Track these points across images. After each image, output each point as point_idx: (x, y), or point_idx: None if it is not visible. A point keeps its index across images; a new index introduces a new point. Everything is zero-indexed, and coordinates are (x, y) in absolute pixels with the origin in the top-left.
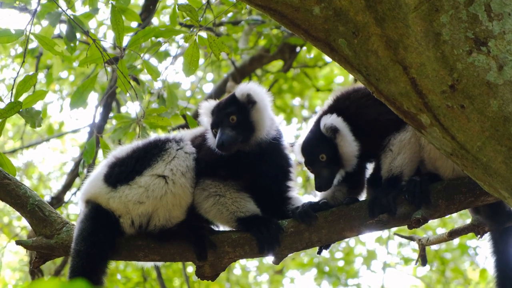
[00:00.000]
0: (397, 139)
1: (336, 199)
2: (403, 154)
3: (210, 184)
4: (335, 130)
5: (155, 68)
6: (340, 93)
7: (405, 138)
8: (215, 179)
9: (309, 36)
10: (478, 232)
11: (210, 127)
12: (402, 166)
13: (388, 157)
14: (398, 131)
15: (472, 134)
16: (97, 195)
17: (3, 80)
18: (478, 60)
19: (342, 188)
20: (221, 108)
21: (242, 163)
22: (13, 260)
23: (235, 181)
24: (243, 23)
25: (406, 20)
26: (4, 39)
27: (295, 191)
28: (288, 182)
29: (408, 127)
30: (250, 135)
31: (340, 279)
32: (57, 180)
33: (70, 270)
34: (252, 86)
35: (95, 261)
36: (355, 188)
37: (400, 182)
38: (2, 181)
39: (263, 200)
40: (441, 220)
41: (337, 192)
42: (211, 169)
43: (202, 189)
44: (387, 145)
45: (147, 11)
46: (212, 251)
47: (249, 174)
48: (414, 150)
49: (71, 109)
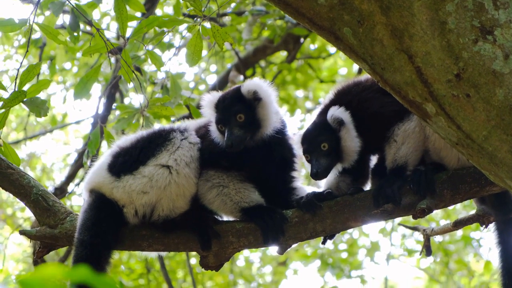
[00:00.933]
0: (401, 129)
1: (341, 189)
2: (407, 144)
3: (214, 175)
4: (341, 122)
5: (158, 57)
6: (341, 87)
7: (409, 128)
8: (219, 170)
9: (314, 25)
10: (483, 222)
11: (215, 122)
12: (406, 156)
13: (392, 147)
14: (402, 121)
15: (478, 123)
16: (101, 185)
17: (6, 71)
18: (484, 49)
19: (346, 178)
20: (227, 106)
21: (246, 155)
22: (17, 251)
23: (238, 172)
24: (247, 13)
25: (412, 9)
26: (8, 28)
27: (299, 182)
28: (292, 173)
29: (412, 116)
30: (257, 131)
31: (343, 270)
32: (61, 171)
33: (74, 259)
34: (257, 82)
35: (99, 251)
36: (359, 179)
37: (405, 172)
38: (5, 171)
39: (267, 191)
40: (445, 211)
41: (341, 183)
42: (214, 160)
43: (206, 180)
44: (391, 136)
45: (151, 1)
46: (216, 241)
47: (253, 165)
48: (419, 140)
49: (74, 99)
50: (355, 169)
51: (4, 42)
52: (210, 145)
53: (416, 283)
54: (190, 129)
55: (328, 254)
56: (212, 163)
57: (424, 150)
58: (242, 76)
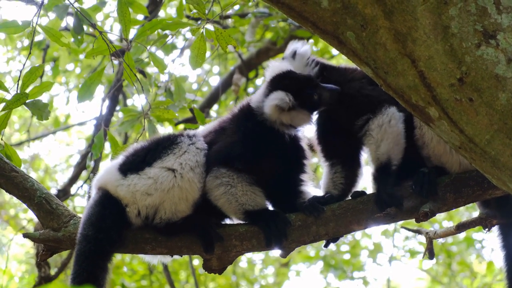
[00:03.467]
0: (375, 124)
1: (336, 184)
2: (386, 140)
3: (224, 173)
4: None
5: (161, 61)
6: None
7: (383, 122)
8: (230, 169)
9: (317, 29)
10: (486, 226)
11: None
12: (388, 152)
13: (372, 144)
14: (375, 114)
15: (481, 127)
16: (107, 182)
17: (9, 72)
18: (486, 53)
19: (337, 174)
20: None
21: (262, 153)
22: (19, 252)
23: (249, 175)
24: (250, 15)
25: (415, 13)
26: (11, 30)
27: (308, 186)
28: (302, 175)
29: (386, 110)
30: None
31: (346, 272)
32: (63, 173)
33: (76, 254)
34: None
35: (103, 246)
36: (351, 168)
37: (390, 167)
38: (9, 174)
39: (275, 194)
40: (448, 213)
41: (335, 178)
42: (229, 158)
43: (215, 177)
44: (366, 129)
45: (154, 4)
46: (220, 245)
47: (266, 166)
48: (397, 133)
49: (78, 102)
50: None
51: (7, 43)
52: (230, 145)
53: (418, 284)
54: (199, 135)
55: (330, 255)
56: (225, 162)
57: (404, 142)
58: (244, 78)
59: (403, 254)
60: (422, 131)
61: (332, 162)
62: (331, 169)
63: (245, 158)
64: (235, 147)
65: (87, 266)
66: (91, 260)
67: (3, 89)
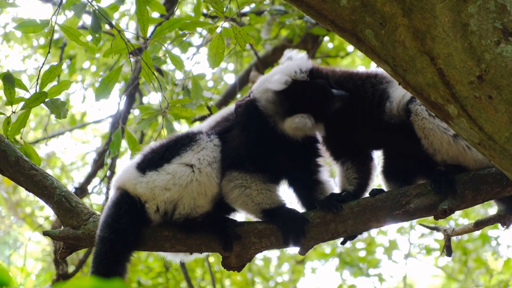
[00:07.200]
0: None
1: (350, 180)
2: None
3: (237, 176)
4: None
5: (179, 59)
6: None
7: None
8: (242, 171)
9: (336, 27)
10: (504, 223)
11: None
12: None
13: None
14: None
15: (500, 124)
16: (126, 181)
17: (25, 70)
18: (506, 51)
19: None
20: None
21: (272, 150)
22: (36, 249)
23: (262, 173)
24: (266, 13)
25: (434, 11)
26: (30, 29)
27: (325, 174)
28: (317, 159)
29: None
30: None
31: (361, 269)
32: (79, 170)
33: (94, 256)
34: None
35: (118, 248)
36: (362, 162)
37: None
38: (29, 172)
39: (293, 186)
40: (463, 210)
41: (348, 174)
42: (239, 161)
43: (229, 180)
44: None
45: (170, 2)
46: (238, 242)
47: (278, 161)
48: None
49: (96, 100)
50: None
51: (24, 41)
52: (237, 148)
53: (434, 281)
54: (213, 132)
55: (346, 252)
56: (236, 164)
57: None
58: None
59: (418, 251)
60: (429, 140)
61: (342, 160)
62: (342, 166)
63: (255, 158)
64: (243, 149)
65: (102, 268)
66: (107, 262)
67: (22, 88)
